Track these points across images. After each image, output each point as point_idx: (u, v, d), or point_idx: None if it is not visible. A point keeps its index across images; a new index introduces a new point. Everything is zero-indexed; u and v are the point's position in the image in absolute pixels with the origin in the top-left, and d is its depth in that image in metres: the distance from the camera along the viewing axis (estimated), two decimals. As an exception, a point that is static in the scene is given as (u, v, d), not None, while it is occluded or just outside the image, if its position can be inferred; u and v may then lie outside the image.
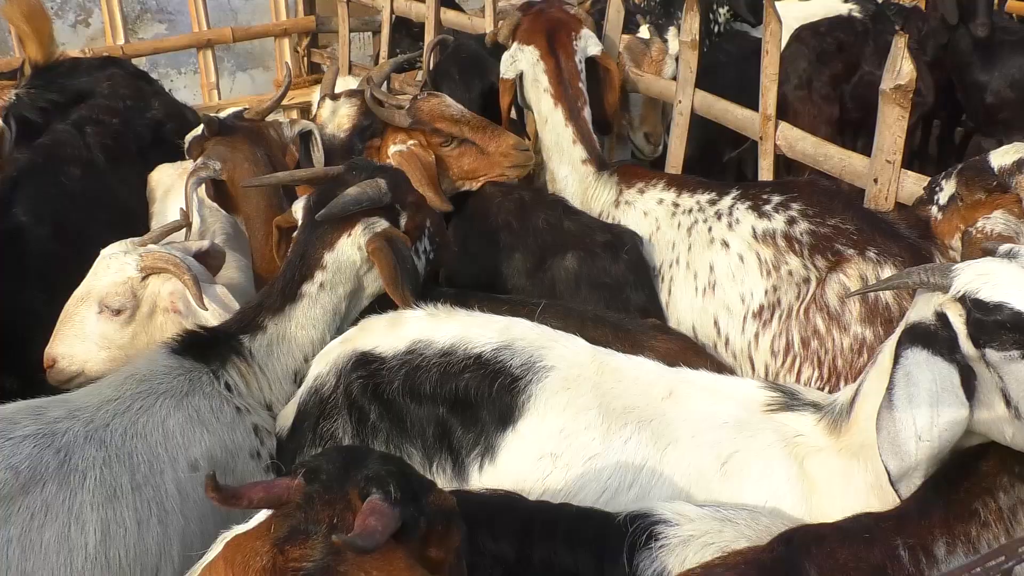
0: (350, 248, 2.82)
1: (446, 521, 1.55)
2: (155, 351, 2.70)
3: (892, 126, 3.42)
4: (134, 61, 5.80)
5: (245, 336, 2.78)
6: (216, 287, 3.18)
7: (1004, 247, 2.04)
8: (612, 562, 1.98)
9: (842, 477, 2.20)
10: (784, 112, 4.17)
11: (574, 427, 2.39)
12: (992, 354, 1.93)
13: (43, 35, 4.65)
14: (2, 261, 3.71)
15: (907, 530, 1.92)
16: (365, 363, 2.56)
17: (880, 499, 2.12)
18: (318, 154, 4.17)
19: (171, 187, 4.32)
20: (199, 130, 3.97)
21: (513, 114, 4.38)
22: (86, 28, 9.21)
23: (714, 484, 2.27)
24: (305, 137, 4.18)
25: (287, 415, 2.71)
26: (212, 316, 3.00)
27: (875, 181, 3.48)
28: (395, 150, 3.89)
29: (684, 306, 3.43)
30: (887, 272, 2.86)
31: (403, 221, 2.93)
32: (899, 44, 3.36)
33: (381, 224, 2.82)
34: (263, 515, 2.05)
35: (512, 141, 3.93)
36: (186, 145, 4.10)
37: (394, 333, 2.60)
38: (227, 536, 2.14)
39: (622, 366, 2.54)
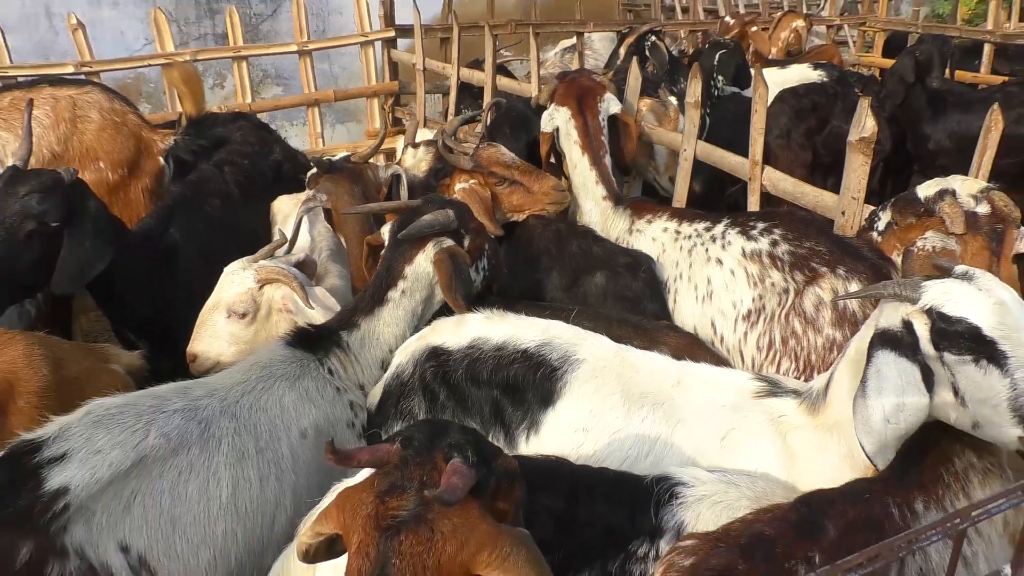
0: (424, 262, 2.82)
1: (510, 480, 1.54)
2: (274, 343, 2.71)
3: (857, 170, 3.35)
4: (259, 115, 5.84)
5: (344, 332, 2.79)
6: (317, 289, 3.19)
7: (959, 268, 2.01)
8: (641, 516, 1.96)
9: (819, 449, 2.17)
10: (768, 158, 4.10)
11: (601, 408, 2.38)
12: (949, 356, 1.92)
13: (196, 95, 4.71)
14: (162, 272, 3.75)
15: (894, 492, 1.90)
16: (436, 355, 2.56)
17: (852, 468, 2.09)
18: (403, 191, 4.20)
19: (288, 214, 4.34)
20: (314, 169, 4.02)
21: (553, 159, 4.36)
22: (221, 89, 9.34)
23: (714, 455, 2.24)
24: (394, 177, 4.21)
25: (375, 394, 2.71)
26: (316, 313, 3.01)
27: (842, 213, 3.41)
28: (460, 187, 3.91)
29: (687, 311, 3.39)
30: (854, 286, 2.81)
31: (466, 243, 2.91)
32: (863, 104, 3.30)
33: (447, 242, 2.83)
34: (362, 474, 2.06)
35: (552, 183, 3.93)
36: (306, 180, 4.15)
37: (459, 332, 2.61)
38: (337, 488, 2.17)
39: (639, 360, 2.51)
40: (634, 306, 3.45)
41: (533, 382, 2.44)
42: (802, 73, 5.98)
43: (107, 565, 1.98)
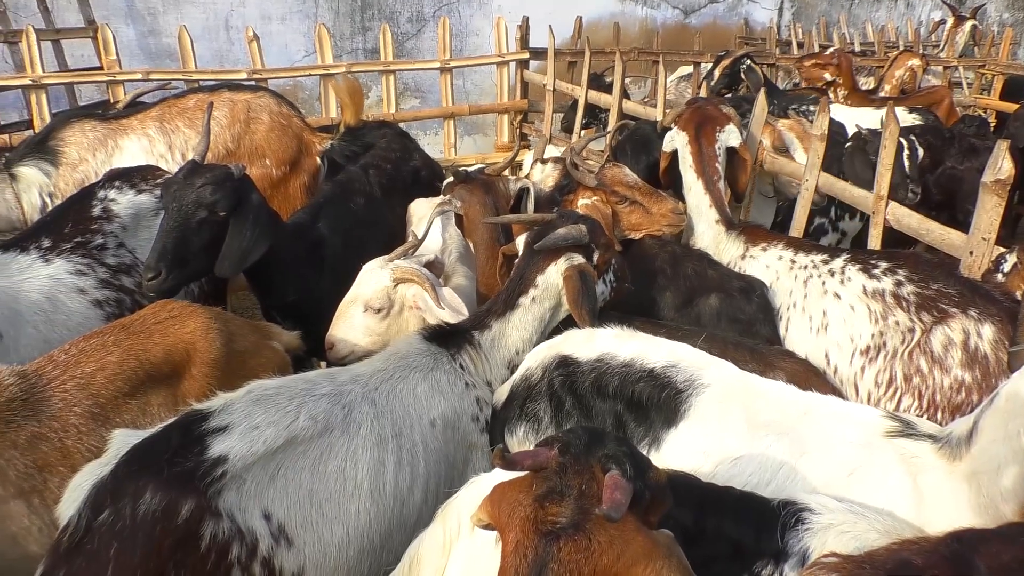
0: (554, 273, 2.76)
1: (662, 493, 1.46)
2: (412, 336, 2.69)
3: (990, 211, 3.07)
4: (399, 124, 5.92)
5: (476, 331, 2.76)
6: (445, 290, 3.15)
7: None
8: (767, 537, 1.83)
9: (951, 496, 1.96)
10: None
11: (724, 433, 2.24)
12: None
13: (357, 106, 4.80)
14: (309, 261, 3.82)
15: None
16: (565, 364, 2.49)
17: (985, 521, 1.87)
18: (531, 204, 4.14)
19: (423, 216, 4.36)
20: (451, 177, 4.01)
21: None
22: (366, 99, 9.55)
23: (839, 489, 2.06)
24: (523, 191, 4.16)
25: (502, 393, 2.66)
26: (444, 312, 2.98)
27: (971, 253, 3.13)
28: (583, 203, 3.83)
29: (799, 340, 3.20)
30: (987, 328, 2.56)
31: (595, 257, 2.83)
32: (1002, 147, 3.02)
33: (577, 259, 2.75)
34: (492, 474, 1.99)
35: (671, 206, 3.78)
36: (443, 187, 4.15)
37: (589, 344, 2.52)
38: (475, 480, 2.12)
39: (764, 387, 2.36)
40: (747, 330, 3.29)
41: (658, 401, 2.33)
42: (874, 114, 5.60)
43: (252, 530, 1.99)
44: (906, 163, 4.46)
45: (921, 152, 4.66)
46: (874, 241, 3.71)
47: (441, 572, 2.08)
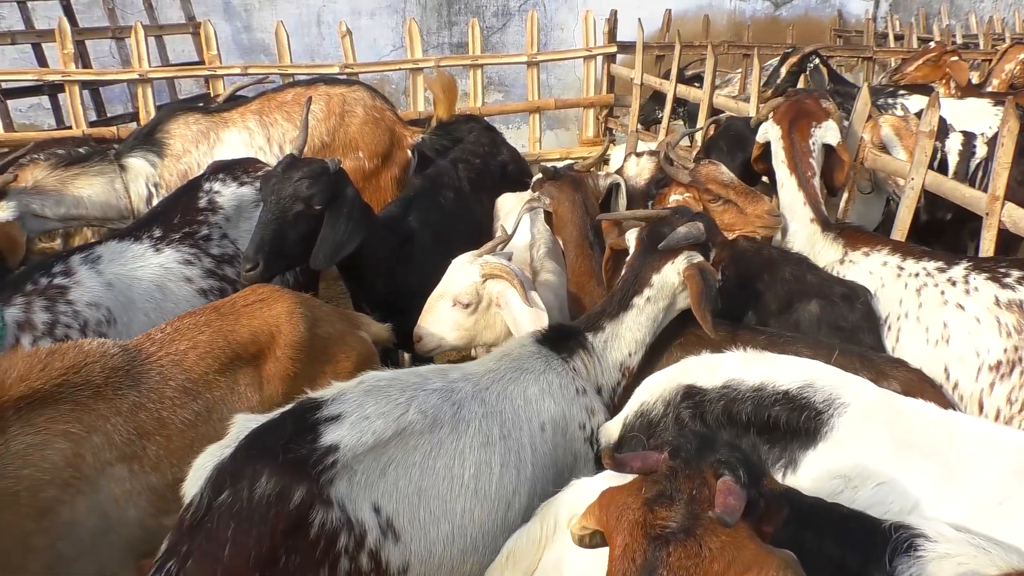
0: (672, 273, 2.71)
1: (777, 503, 1.42)
2: (525, 338, 2.68)
3: None
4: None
5: (589, 333, 2.72)
6: (533, 293, 3.11)
7: None
8: (876, 561, 1.72)
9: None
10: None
11: (866, 456, 2.12)
12: None
13: (451, 101, 4.85)
14: (399, 255, 3.89)
15: None
16: (691, 395, 2.38)
17: None
18: (622, 199, 4.10)
19: (511, 210, 4.38)
20: (540, 174, 4.01)
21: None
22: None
23: (989, 520, 1.92)
24: (614, 187, 4.12)
25: (611, 431, 2.55)
26: (526, 313, 2.95)
27: (1103, 262, 2.94)
28: (675, 199, 3.77)
29: (913, 352, 3.02)
30: None
31: (711, 256, 2.78)
32: None
33: (698, 257, 2.70)
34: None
35: (766, 207, 3.67)
36: (532, 183, 4.15)
37: (712, 372, 2.41)
38: (577, 483, 2.12)
39: (908, 407, 2.23)
40: (849, 337, 3.14)
41: (796, 424, 2.23)
42: (981, 108, 5.26)
43: (361, 521, 2.02)
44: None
45: None
46: (987, 245, 3.52)
47: (534, 568, 2.10)
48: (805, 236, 3.65)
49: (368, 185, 4.46)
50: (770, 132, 3.90)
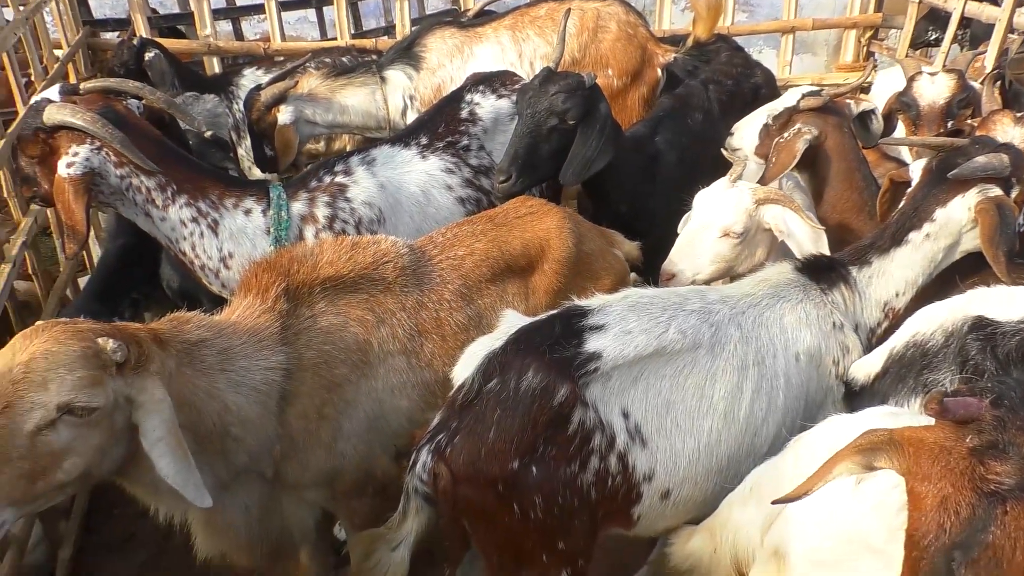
0: (960, 207, 2.51)
1: None
2: (784, 266, 2.63)
3: None
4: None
5: (854, 267, 2.62)
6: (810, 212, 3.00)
7: None
8: None
9: None
10: None
11: None
12: None
13: (713, 21, 4.66)
14: (646, 175, 3.89)
15: None
16: (981, 327, 2.21)
17: None
18: (877, 125, 3.76)
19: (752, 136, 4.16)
20: (784, 102, 3.77)
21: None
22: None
23: None
24: (865, 114, 3.80)
25: (870, 364, 2.44)
26: (807, 237, 2.84)
27: None
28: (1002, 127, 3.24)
29: None
30: None
31: (1014, 193, 2.52)
32: None
33: (995, 191, 2.46)
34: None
35: None
36: (777, 111, 3.93)
37: (1008, 305, 2.23)
38: (835, 420, 2.07)
39: None
40: None
41: None
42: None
43: (611, 424, 2.14)
44: None
45: None
46: None
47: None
48: None
49: (615, 104, 4.44)
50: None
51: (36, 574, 3.37)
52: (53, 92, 3.06)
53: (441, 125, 3.66)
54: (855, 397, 2.46)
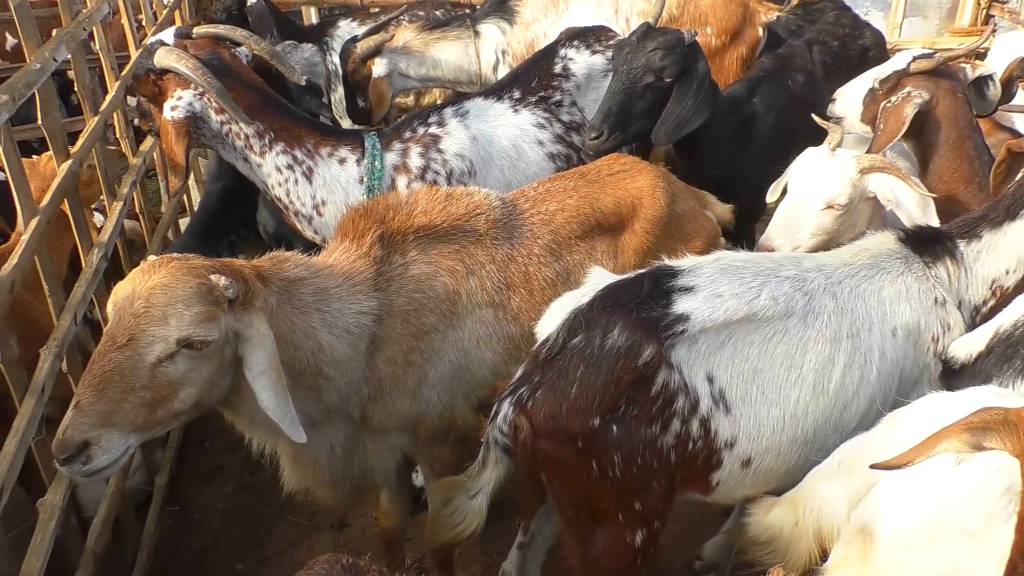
0: None
1: None
2: (886, 236, 2.51)
3: None
4: None
5: (961, 241, 2.48)
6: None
7: None
8: None
9: None
10: None
11: None
12: None
13: None
14: (740, 137, 3.77)
15: None
16: None
17: None
18: (992, 90, 3.53)
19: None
20: (893, 65, 3.57)
21: None
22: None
23: None
24: (981, 79, 3.56)
25: (973, 343, 2.30)
26: (918, 206, 2.73)
27: None
28: None
29: None
30: None
31: None
32: None
33: None
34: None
35: None
36: (885, 75, 3.72)
37: None
38: (933, 397, 1.99)
39: None
40: None
41: None
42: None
43: (695, 388, 2.11)
44: None
45: None
46: None
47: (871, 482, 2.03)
48: None
49: (712, 63, 4.29)
50: None
51: (135, 496, 3.61)
52: (168, 34, 3.17)
53: (534, 80, 3.63)
54: (953, 376, 2.35)
